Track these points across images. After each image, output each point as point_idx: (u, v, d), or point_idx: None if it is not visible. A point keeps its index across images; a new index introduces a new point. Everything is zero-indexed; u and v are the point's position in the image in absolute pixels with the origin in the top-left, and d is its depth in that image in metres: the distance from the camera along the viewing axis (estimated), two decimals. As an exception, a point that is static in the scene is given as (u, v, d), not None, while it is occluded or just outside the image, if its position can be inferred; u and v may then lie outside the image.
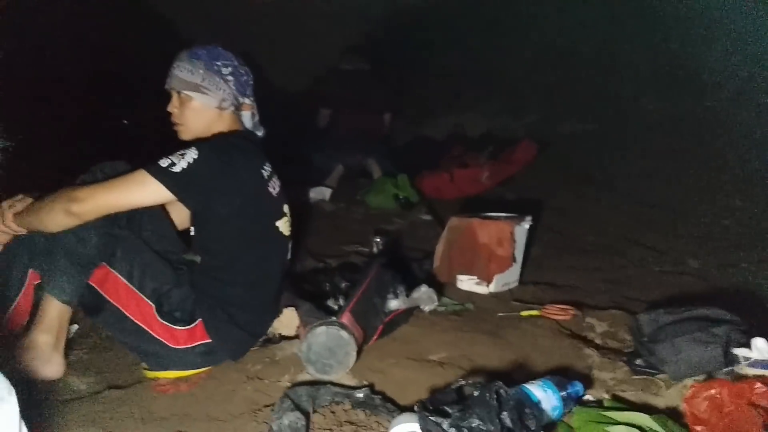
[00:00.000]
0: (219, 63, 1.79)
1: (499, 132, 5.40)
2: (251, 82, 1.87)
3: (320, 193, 4.08)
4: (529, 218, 2.57)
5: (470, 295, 2.46)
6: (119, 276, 1.72)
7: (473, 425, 1.28)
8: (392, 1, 6.14)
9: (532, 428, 1.32)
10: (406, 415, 1.39)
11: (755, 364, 1.52)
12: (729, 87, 4.64)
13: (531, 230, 2.62)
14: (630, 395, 1.66)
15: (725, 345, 1.62)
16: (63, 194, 1.63)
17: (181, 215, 1.95)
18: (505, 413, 1.31)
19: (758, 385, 1.35)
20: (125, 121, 4.27)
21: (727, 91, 4.69)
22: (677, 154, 4.75)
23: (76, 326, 2.11)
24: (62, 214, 1.61)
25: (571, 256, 3.04)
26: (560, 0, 5.77)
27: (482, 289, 2.48)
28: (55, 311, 1.69)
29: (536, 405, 1.44)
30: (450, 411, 1.35)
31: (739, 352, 1.57)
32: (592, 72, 5.59)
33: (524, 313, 2.24)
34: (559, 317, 2.19)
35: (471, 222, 2.52)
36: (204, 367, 1.79)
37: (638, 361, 1.79)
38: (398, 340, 1.98)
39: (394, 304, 1.99)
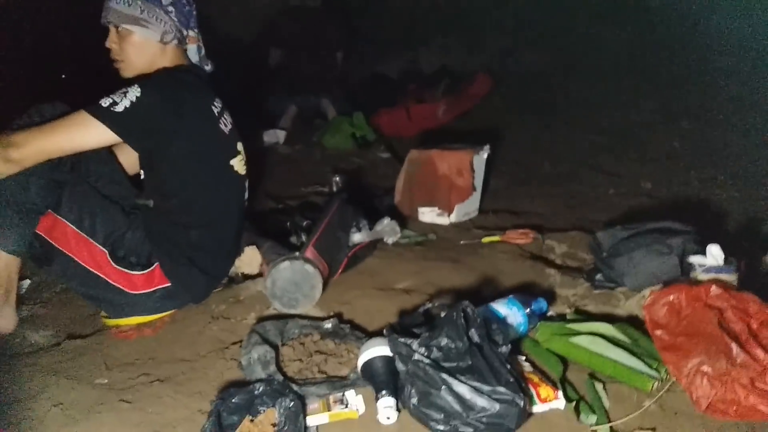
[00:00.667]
0: None
1: (454, 67, 5.32)
2: (194, 13, 1.76)
3: (274, 136, 3.98)
4: (487, 148, 2.56)
5: (432, 227, 2.46)
6: (67, 223, 1.64)
7: (442, 344, 1.29)
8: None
9: (500, 343, 1.34)
10: (375, 339, 1.39)
11: (710, 269, 1.57)
12: (677, 13, 4.68)
13: (489, 160, 2.61)
14: (591, 308, 1.72)
15: (681, 254, 1.67)
16: (1, 140, 1.52)
17: (129, 158, 1.85)
18: (472, 330, 1.32)
19: (713, 287, 1.40)
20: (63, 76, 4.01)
21: (676, 18, 4.73)
22: (629, 81, 4.82)
23: (28, 281, 2.03)
24: (0, 162, 1.51)
25: (529, 185, 3.07)
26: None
27: (443, 220, 2.48)
28: (1, 263, 1.60)
29: (502, 321, 1.47)
30: (418, 332, 1.36)
31: (695, 259, 1.61)
32: (547, 5, 5.53)
33: (486, 239, 2.26)
34: (520, 241, 2.22)
35: (430, 154, 2.50)
36: (165, 311, 1.75)
37: (598, 276, 1.83)
38: (363, 272, 1.98)
39: (357, 237, 1.97)
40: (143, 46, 1.67)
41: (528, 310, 1.56)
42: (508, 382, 1.23)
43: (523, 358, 1.45)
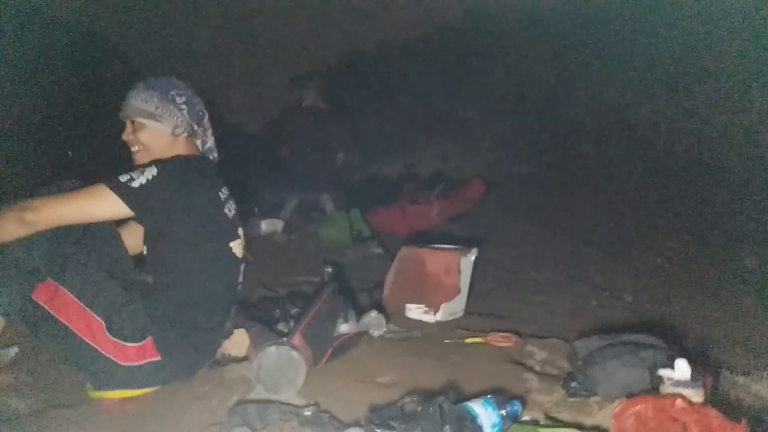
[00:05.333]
0: (173, 92, 1.86)
1: (450, 173, 5.58)
2: (204, 111, 1.95)
3: (272, 225, 4.11)
4: (475, 250, 2.68)
5: (418, 324, 2.53)
6: (69, 293, 1.71)
7: (417, 437, 1.34)
8: (348, 45, 6.34)
9: (472, 439, 1.38)
10: (353, 429, 1.43)
11: (677, 384, 1.63)
12: (664, 136, 4.99)
13: (476, 263, 2.73)
14: (565, 416, 1.75)
15: (651, 367, 1.74)
16: (18, 204, 1.64)
17: (132, 239, 1.96)
18: (447, 427, 1.37)
19: (678, 400, 1.47)
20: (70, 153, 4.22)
21: (662, 140, 5.03)
22: (615, 195, 5.04)
23: (16, 348, 2.07)
24: (15, 222, 1.62)
25: (515, 290, 3.17)
26: (509, 57, 6.08)
27: (430, 318, 2.55)
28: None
29: (475, 420, 1.51)
30: (395, 425, 1.40)
31: (664, 373, 1.68)
32: (539, 120, 5.90)
33: (469, 340, 2.32)
34: (502, 344, 2.28)
35: (421, 252, 2.62)
36: (152, 386, 1.78)
37: (573, 384, 1.88)
38: (347, 362, 2.03)
39: (344, 327, 2.04)
40: (156, 137, 1.84)
41: (503, 411, 1.60)
42: (477, 479, 1.27)
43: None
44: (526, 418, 1.72)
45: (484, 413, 1.55)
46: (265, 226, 4.08)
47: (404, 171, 5.52)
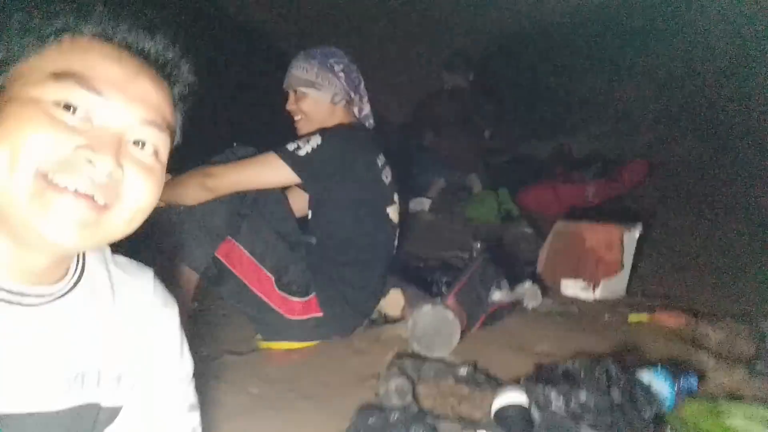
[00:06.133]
0: (332, 61, 1.93)
1: (607, 153, 5.25)
2: (361, 78, 2.00)
3: (420, 204, 4.16)
4: (639, 225, 2.50)
5: (575, 301, 2.41)
6: (244, 249, 1.87)
7: (581, 398, 1.28)
8: (500, 26, 6.21)
9: (642, 410, 1.29)
10: (512, 387, 1.40)
11: None
12: None
13: (640, 242, 2.53)
14: (748, 395, 1.57)
15: None
16: (199, 171, 1.81)
17: (299, 202, 2.08)
18: (615, 389, 1.29)
19: None
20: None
21: None
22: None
23: (195, 303, 2.30)
24: (198, 188, 1.79)
25: (685, 271, 2.90)
26: (677, 33, 5.57)
27: (588, 295, 2.42)
28: (184, 277, 1.86)
29: (647, 388, 1.41)
30: (558, 384, 1.35)
31: None
32: (713, 97, 5.33)
33: (633, 317, 2.17)
34: (672, 323, 2.10)
35: (578, 226, 2.50)
36: (314, 340, 1.89)
37: (759, 365, 1.69)
38: (501, 330, 2.00)
39: (497, 295, 2.00)
40: (317, 105, 1.93)
41: (676, 384, 1.48)
42: (650, 445, 1.18)
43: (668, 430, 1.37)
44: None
45: (656, 382, 1.44)
46: (413, 204, 4.15)
47: (555, 151, 5.28)
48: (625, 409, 1.26)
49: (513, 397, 1.36)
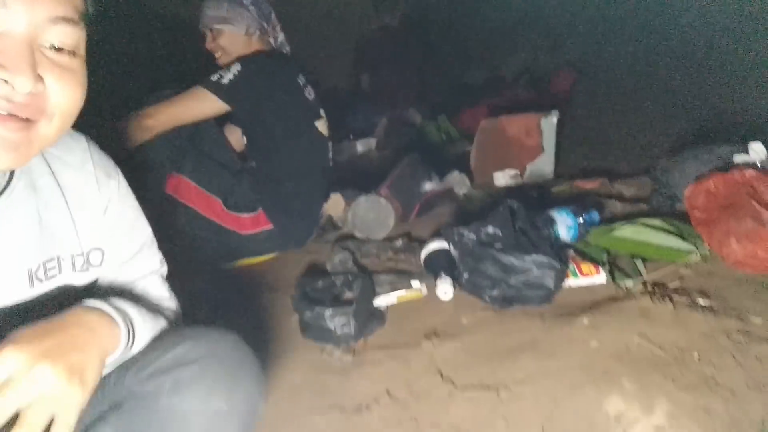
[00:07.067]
0: None
1: (537, 70, 5.47)
2: (271, 9, 2.14)
3: (367, 144, 4.34)
4: (555, 111, 2.72)
5: (506, 190, 2.63)
6: (190, 180, 2.03)
7: (489, 230, 1.49)
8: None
9: (543, 230, 1.51)
10: (435, 238, 1.61)
11: (753, 167, 1.64)
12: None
13: (560, 127, 2.75)
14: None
15: (727, 157, 1.74)
16: (135, 114, 1.96)
17: (234, 137, 2.24)
18: (518, 221, 1.51)
19: (749, 170, 1.49)
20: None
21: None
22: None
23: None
24: (138, 129, 1.94)
25: (603, 146, 3.15)
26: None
27: (517, 181, 2.65)
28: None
29: (547, 215, 1.63)
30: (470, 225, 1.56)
31: (738, 158, 1.68)
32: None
33: (555, 189, 2.40)
34: (588, 186, 2.34)
35: (500, 120, 2.71)
36: (271, 252, 2.07)
37: (656, 199, 1.93)
38: (434, 217, 2.19)
39: (428, 185, 2.21)
40: (232, 39, 2.06)
41: (580, 218, 1.70)
42: (546, 252, 1.40)
43: (571, 250, 1.60)
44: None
45: (558, 216, 1.67)
46: (360, 146, 4.32)
47: (488, 76, 5.49)
48: (527, 231, 1.47)
49: (435, 245, 1.58)
